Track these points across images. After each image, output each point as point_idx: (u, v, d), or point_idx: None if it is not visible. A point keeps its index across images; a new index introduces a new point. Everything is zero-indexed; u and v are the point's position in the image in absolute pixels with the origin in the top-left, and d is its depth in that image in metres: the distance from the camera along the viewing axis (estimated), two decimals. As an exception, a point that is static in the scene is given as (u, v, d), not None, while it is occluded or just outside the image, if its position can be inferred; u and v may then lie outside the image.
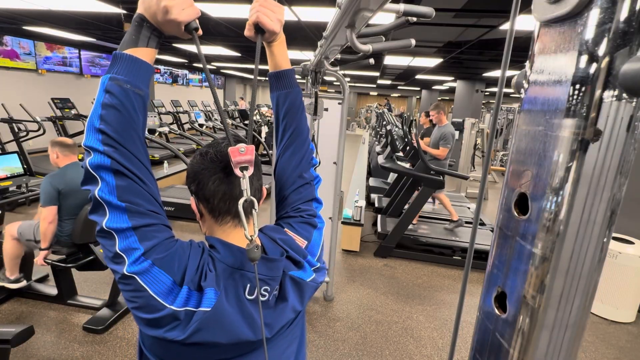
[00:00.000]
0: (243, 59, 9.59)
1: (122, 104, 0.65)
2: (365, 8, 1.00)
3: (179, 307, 0.63)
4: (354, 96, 22.52)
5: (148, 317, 0.64)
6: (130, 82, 0.66)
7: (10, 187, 3.45)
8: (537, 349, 0.42)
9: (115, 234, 0.63)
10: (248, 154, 0.64)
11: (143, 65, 0.68)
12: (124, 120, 0.65)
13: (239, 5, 3.99)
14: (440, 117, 4.54)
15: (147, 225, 0.65)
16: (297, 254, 0.79)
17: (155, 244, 0.65)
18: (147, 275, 0.63)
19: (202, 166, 0.74)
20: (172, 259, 0.66)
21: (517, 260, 0.43)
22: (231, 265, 0.69)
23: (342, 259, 4.08)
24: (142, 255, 0.63)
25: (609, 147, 0.35)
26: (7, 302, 2.89)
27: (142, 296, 0.63)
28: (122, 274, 0.63)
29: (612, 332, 3.02)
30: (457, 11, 3.63)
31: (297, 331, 0.84)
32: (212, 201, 0.74)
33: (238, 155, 0.64)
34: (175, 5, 0.65)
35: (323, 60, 2.12)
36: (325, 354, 2.57)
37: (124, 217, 0.63)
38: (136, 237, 0.64)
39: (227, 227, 0.76)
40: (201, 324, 0.64)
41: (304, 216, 0.90)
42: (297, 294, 0.78)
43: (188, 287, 0.65)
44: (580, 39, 0.34)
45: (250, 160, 0.64)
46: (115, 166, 0.64)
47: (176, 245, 0.68)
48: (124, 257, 0.63)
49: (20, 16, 5.41)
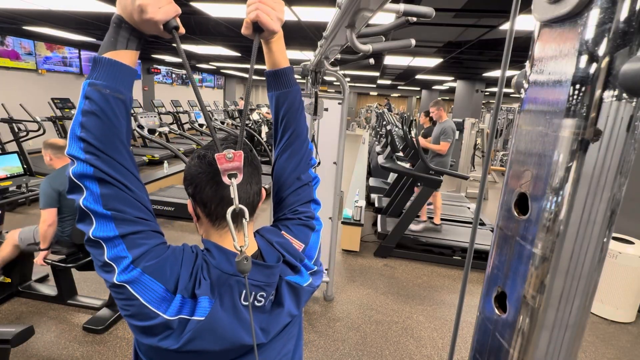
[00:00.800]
0: (243, 59, 9.59)
1: (102, 110, 0.63)
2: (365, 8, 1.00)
3: (172, 316, 0.62)
4: (354, 96, 22.52)
5: (141, 324, 0.63)
6: (109, 87, 0.63)
7: (10, 187, 3.45)
8: (537, 349, 0.42)
9: (103, 242, 0.62)
10: (236, 160, 0.62)
11: (123, 68, 0.65)
12: (105, 127, 0.63)
13: (239, 5, 3.99)
14: (440, 113, 4.55)
15: (135, 233, 0.64)
16: (294, 258, 0.79)
17: (144, 251, 0.64)
18: (138, 284, 0.62)
19: (199, 169, 0.73)
20: (163, 266, 0.65)
21: (517, 260, 0.43)
22: (226, 272, 0.68)
23: (342, 259, 4.08)
24: (132, 264, 0.62)
25: (609, 147, 0.35)
26: (7, 302, 2.89)
27: (134, 304, 0.62)
28: (112, 282, 0.62)
29: (612, 332, 3.02)
30: (457, 11, 3.63)
31: (293, 330, 0.84)
32: (210, 206, 0.73)
33: (225, 162, 0.61)
34: (151, 3, 0.62)
35: (323, 60, 2.12)
36: (325, 354, 2.57)
37: (111, 226, 0.62)
38: (124, 245, 0.63)
39: (223, 231, 0.75)
40: (195, 333, 0.63)
41: (301, 218, 0.88)
42: (294, 299, 0.77)
43: (182, 295, 0.64)
44: (580, 39, 0.34)
45: (238, 167, 0.62)
46: (98, 174, 0.62)
47: (167, 252, 0.67)
48: (114, 265, 0.62)
49: (20, 16, 5.41)
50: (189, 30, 5.70)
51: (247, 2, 0.75)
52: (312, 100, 2.61)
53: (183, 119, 11.04)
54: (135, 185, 0.66)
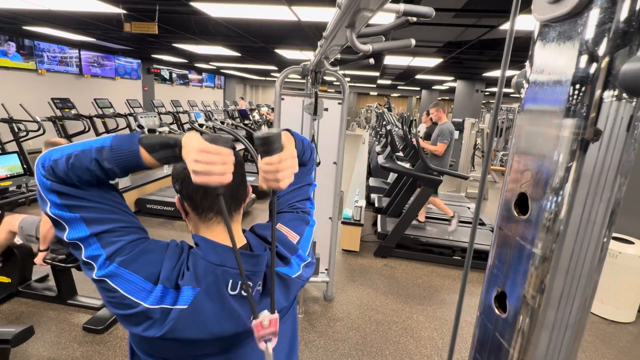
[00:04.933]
0: (243, 59, 9.59)
1: (79, 177, 0.64)
2: (365, 8, 1.00)
3: (153, 305, 0.65)
4: (354, 96, 22.51)
5: (124, 313, 0.66)
6: (115, 169, 0.65)
7: (10, 187, 3.44)
8: (537, 349, 0.42)
9: (80, 242, 0.65)
10: (272, 326, 0.66)
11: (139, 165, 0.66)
12: (71, 180, 0.65)
13: (239, 5, 3.99)
14: (440, 114, 4.57)
15: (107, 231, 0.67)
16: (286, 249, 0.81)
17: (118, 247, 0.67)
18: (116, 277, 0.65)
19: (184, 165, 0.72)
20: (141, 259, 0.67)
21: (517, 260, 0.43)
22: (213, 262, 0.71)
23: (342, 259, 4.08)
24: (107, 259, 0.65)
25: (609, 147, 0.35)
26: (7, 302, 2.89)
27: (115, 296, 0.65)
28: (93, 278, 0.66)
29: (612, 332, 3.02)
30: (457, 11, 3.63)
31: (285, 330, 0.85)
32: (195, 198, 0.75)
33: (262, 330, 0.65)
34: (217, 172, 0.60)
35: (323, 60, 2.12)
36: (325, 354, 2.57)
37: (82, 226, 0.65)
38: (98, 243, 0.66)
39: (210, 223, 0.77)
40: (178, 321, 0.65)
41: (298, 212, 0.92)
42: (283, 290, 0.79)
43: (163, 286, 0.66)
44: (580, 39, 0.34)
45: (274, 332, 0.66)
46: (55, 187, 0.65)
47: (143, 246, 0.69)
48: (92, 263, 0.65)
49: (20, 16, 5.41)
50: (189, 31, 5.70)
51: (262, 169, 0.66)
52: (312, 100, 2.61)
53: (183, 119, 11.03)
54: (99, 190, 0.68)
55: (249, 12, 4.35)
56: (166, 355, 0.72)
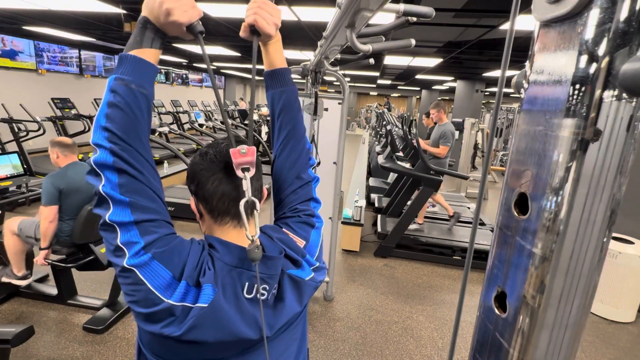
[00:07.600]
0: (243, 59, 9.59)
1: (127, 103, 0.66)
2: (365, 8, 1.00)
3: (176, 302, 0.64)
4: (354, 96, 22.51)
5: (145, 311, 0.64)
6: (134, 82, 0.68)
7: (10, 187, 3.45)
8: (537, 348, 0.42)
9: (118, 227, 0.64)
10: (249, 155, 0.65)
11: (147, 65, 0.70)
12: (129, 119, 0.67)
13: (239, 5, 3.99)
14: (440, 115, 4.56)
15: (148, 221, 0.66)
16: (295, 253, 0.79)
17: (156, 238, 0.66)
18: (146, 268, 0.64)
19: (201, 166, 0.75)
20: (172, 253, 0.67)
21: (517, 260, 0.43)
22: (229, 264, 0.70)
23: (342, 259, 4.08)
24: (143, 249, 0.64)
25: (609, 147, 0.35)
26: (7, 302, 2.89)
27: (140, 289, 0.64)
28: (122, 266, 0.64)
29: (612, 332, 3.02)
30: (457, 11, 3.63)
31: (296, 333, 0.84)
32: (211, 201, 0.75)
33: (239, 156, 0.65)
34: (177, 7, 0.67)
35: (323, 60, 2.12)
36: (325, 354, 2.57)
37: (127, 212, 0.65)
38: (137, 231, 0.65)
39: (226, 227, 0.76)
40: (197, 320, 0.64)
41: (301, 216, 0.89)
42: (296, 293, 0.77)
43: (186, 282, 0.66)
44: (580, 39, 0.34)
45: (251, 162, 0.65)
46: (118, 164, 0.65)
47: (176, 241, 0.69)
48: (125, 250, 0.64)
49: (20, 16, 5.41)
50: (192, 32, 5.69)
51: (247, 7, 0.80)
52: (312, 100, 2.61)
53: (183, 118, 11.03)
54: (152, 175, 0.70)
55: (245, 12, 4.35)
56: (175, 359, 0.70)
